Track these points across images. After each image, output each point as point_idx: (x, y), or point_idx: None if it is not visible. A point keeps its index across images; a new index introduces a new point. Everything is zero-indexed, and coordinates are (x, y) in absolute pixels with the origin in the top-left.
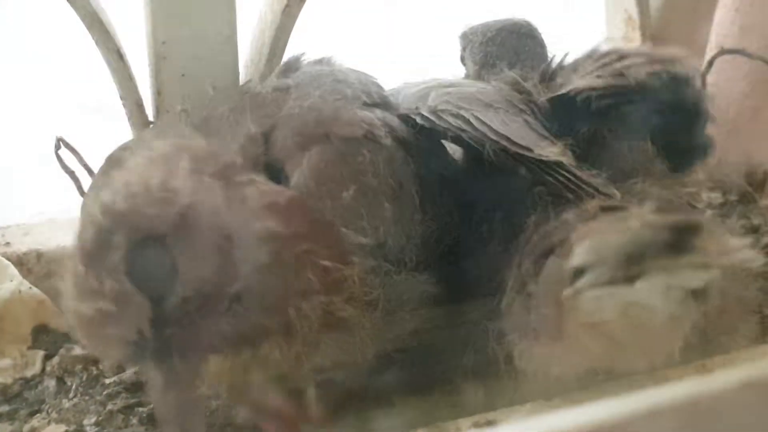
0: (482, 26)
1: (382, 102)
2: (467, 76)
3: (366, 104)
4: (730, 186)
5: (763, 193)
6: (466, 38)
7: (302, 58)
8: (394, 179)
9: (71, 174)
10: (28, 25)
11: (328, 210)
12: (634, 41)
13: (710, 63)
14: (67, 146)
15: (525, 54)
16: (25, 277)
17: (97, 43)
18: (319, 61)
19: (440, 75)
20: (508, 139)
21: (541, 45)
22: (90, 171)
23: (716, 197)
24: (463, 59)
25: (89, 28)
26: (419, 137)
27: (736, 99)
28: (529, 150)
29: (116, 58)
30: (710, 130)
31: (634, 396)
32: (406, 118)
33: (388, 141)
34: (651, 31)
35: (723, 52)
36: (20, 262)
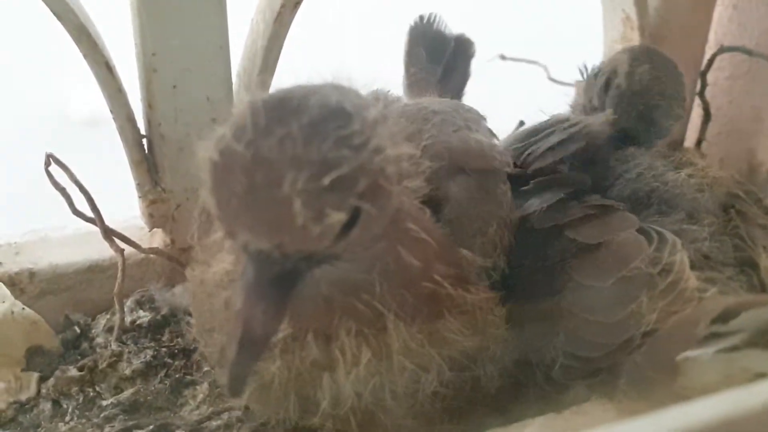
0: None
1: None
2: None
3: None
4: (733, 185)
5: (766, 193)
6: None
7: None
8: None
9: (62, 191)
10: None
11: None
12: (632, 41)
13: (710, 61)
14: (58, 162)
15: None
16: (17, 297)
17: (85, 56)
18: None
19: None
20: None
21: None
22: (81, 187)
23: None
24: None
25: (77, 41)
26: None
27: (737, 97)
28: None
29: (105, 71)
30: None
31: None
32: None
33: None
34: (650, 31)
35: (723, 50)
36: (12, 282)
